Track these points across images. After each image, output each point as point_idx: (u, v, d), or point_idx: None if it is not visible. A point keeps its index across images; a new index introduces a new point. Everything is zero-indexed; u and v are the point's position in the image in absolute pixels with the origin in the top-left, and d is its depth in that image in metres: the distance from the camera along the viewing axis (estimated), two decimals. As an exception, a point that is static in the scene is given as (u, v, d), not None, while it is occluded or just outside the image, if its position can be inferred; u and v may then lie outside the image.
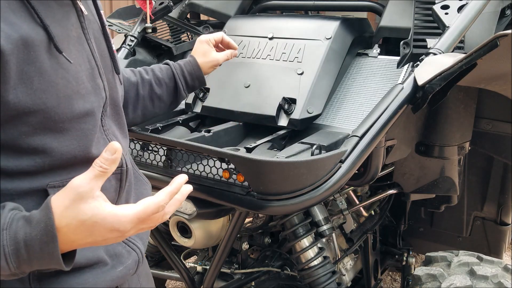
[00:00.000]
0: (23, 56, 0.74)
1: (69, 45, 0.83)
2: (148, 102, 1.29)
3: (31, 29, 0.76)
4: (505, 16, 1.62)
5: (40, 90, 0.76)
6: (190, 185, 0.81)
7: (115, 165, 0.72)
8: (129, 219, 0.73)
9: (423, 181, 1.72)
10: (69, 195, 0.71)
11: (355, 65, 1.65)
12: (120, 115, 1.01)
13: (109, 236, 0.74)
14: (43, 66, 0.77)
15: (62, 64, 0.80)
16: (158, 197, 0.75)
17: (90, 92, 0.87)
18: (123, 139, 1.01)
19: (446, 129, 1.57)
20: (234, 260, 1.89)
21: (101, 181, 0.72)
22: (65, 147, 0.82)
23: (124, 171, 0.96)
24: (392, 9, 1.76)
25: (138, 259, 1.00)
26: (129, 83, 1.26)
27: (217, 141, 1.46)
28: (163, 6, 1.94)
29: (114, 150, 0.71)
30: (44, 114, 0.78)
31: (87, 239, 0.73)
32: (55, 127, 0.80)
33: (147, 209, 0.74)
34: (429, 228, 2.27)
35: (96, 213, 0.71)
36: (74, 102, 0.82)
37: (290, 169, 1.14)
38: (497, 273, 1.45)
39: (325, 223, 1.66)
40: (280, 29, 1.67)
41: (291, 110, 1.47)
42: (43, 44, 0.77)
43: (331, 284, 1.61)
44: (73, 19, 0.86)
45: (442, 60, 1.30)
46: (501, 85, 1.32)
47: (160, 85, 1.30)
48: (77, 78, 0.83)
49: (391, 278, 2.99)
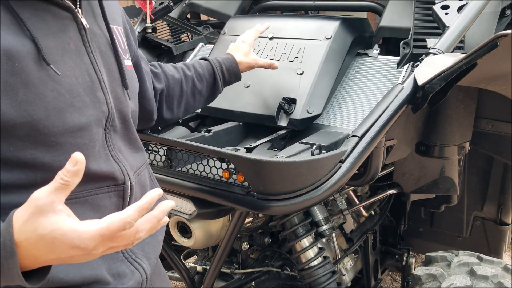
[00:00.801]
0: (6, 67, 0.73)
1: (64, 58, 0.82)
2: (190, 98, 1.34)
3: (17, 41, 0.75)
4: (505, 16, 1.62)
5: (26, 102, 0.75)
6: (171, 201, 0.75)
7: (77, 177, 0.68)
8: (90, 235, 0.68)
9: (423, 181, 1.72)
10: (29, 208, 0.68)
11: (355, 65, 1.65)
12: (130, 130, 0.98)
13: (73, 253, 0.69)
14: (29, 78, 0.76)
15: (53, 77, 0.79)
16: (125, 212, 0.69)
17: (87, 106, 0.85)
18: (132, 154, 0.98)
19: (446, 129, 1.57)
20: (234, 260, 1.89)
21: (64, 194, 0.68)
22: (58, 162, 0.79)
23: (127, 188, 0.92)
24: (392, 9, 1.76)
25: (142, 280, 0.96)
26: (174, 80, 1.31)
27: (217, 141, 1.46)
28: (163, 6, 1.95)
29: (76, 161, 0.67)
30: (31, 126, 0.76)
31: (50, 255, 0.69)
32: (46, 140, 0.78)
33: (111, 225, 0.68)
34: (429, 228, 2.27)
35: (55, 228, 0.67)
36: (67, 115, 0.81)
37: (290, 169, 1.14)
38: (497, 273, 1.45)
39: (325, 223, 1.66)
40: (280, 29, 1.67)
41: (291, 110, 1.47)
42: (30, 56, 0.76)
43: (331, 284, 1.61)
44: (72, 32, 0.85)
45: (442, 60, 1.30)
46: (501, 85, 1.32)
47: (201, 80, 1.35)
48: (71, 91, 0.82)
49: (391, 278, 2.99)
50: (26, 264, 0.69)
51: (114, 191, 0.90)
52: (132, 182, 0.94)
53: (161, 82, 1.29)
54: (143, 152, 1.04)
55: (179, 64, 1.36)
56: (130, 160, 0.96)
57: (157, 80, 1.28)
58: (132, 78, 1.02)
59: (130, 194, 0.93)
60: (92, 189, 0.86)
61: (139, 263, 0.96)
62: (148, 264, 0.98)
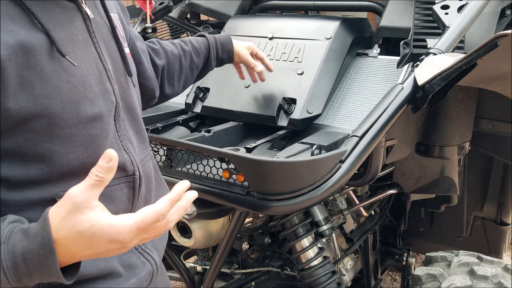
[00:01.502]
0: (22, 62, 0.73)
1: (74, 49, 0.82)
2: (189, 72, 1.37)
3: (30, 35, 0.75)
4: (505, 16, 1.62)
5: (42, 95, 0.75)
6: (194, 191, 0.78)
7: (111, 173, 0.70)
8: (127, 229, 0.70)
9: (423, 181, 1.72)
10: (65, 206, 0.69)
11: (355, 65, 1.65)
12: (136, 120, 0.99)
13: (110, 247, 0.71)
14: (44, 71, 0.76)
15: (67, 68, 0.79)
16: (158, 205, 0.72)
17: (98, 96, 0.85)
18: (139, 145, 0.98)
19: (446, 129, 1.57)
20: (234, 260, 1.89)
21: (98, 191, 0.70)
22: (72, 153, 0.80)
23: (137, 178, 0.93)
24: (392, 9, 1.76)
25: (153, 271, 0.98)
26: (173, 56, 1.32)
27: (217, 141, 1.46)
28: (163, 6, 1.95)
29: (110, 158, 0.69)
30: (48, 119, 0.76)
31: (87, 251, 0.71)
32: (62, 133, 0.79)
33: (146, 218, 0.71)
34: (429, 228, 2.27)
35: (94, 223, 0.69)
36: (81, 107, 0.81)
37: (290, 169, 1.14)
38: (497, 273, 1.45)
39: (325, 223, 1.66)
40: (280, 29, 1.67)
41: (291, 110, 1.47)
42: (44, 49, 0.76)
43: (331, 284, 1.61)
44: (78, 23, 0.85)
45: (442, 60, 1.30)
46: (501, 85, 1.32)
47: (198, 55, 1.38)
48: (83, 82, 0.82)
49: (391, 278, 2.99)
50: (63, 261, 0.71)
51: (125, 182, 0.91)
52: (140, 172, 0.95)
53: (161, 58, 1.30)
54: (147, 143, 1.05)
55: (177, 40, 1.39)
56: (137, 150, 0.96)
57: (157, 57, 1.29)
58: (132, 65, 1.02)
59: (139, 185, 0.94)
60: None
61: (149, 254, 0.97)
62: (157, 255, 1.00)
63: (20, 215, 0.77)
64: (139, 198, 0.95)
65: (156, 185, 1.05)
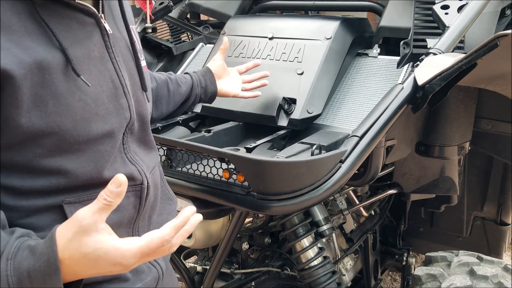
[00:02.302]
0: (37, 80, 0.73)
1: (90, 66, 0.81)
2: (177, 98, 1.35)
3: (47, 53, 0.74)
4: (505, 16, 1.62)
5: (55, 114, 0.75)
6: (199, 215, 0.78)
7: (120, 198, 0.70)
8: (132, 253, 0.71)
9: (423, 181, 1.72)
10: (72, 227, 0.70)
11: (355, 65, 1.65)
12: (147, 132, 0.98)
13: (113, 269, 0.72)
14: (58, 89, 0.75)
15: (80, 87, 0.79)
16: (164, 231, 0.73)
17: (111, 113, 0.84)
18: (146, 156, 0.98)
19: (446, 129, 1.57)
20: (234, 260, 1.89)
21: (106, 214, 0.71)
22: (81, 168, 0.81)
23: (145, 188, 0.93)
24: (392, 9, 1.76)
25: (158, 276, 0.98)
26: (160, 80, 1.31)
27: (217, 141, 1.46)
28: (163, 6, 1.95)
29: (120, 183, 0.69)
30: (58, 136, 0.76)
31: (90, 271, 0.72)
32: (71, 148, 0.79)
33: (151, 243, 0.72)
34: (429, 228, 2.27)
35: (99, 247, 0.69)
36: (92, 124, 0.81)
37: (290, 169, 1.14)
38: (497, 273, 1.45)
39: (325, 223, 1.66)
40: (280, 29, 1.67)
41: (291, 110, 1.47)
42: (59, 67, 0.75)
43: (331, 284, 1.61)
44: (96, 39, 0.84)
45: (442, 60, 1.30)
46: (501, 85, 1.32)
47: (183, 84, 1.36)
48: (96, 100, 0.81)
49: (391, 278, 2.99)
50: (67, 278, 0.72)
51: (132, 191, 0.91)
52: (149, 181, 0.95)
53: (152, 81, 1.28)
54: (156, 152, 1.05)
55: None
56: (145, 160, 0.96)
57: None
58: (148, 79, 1.02)
59: (146, 194, 0.94)
60: None
61: (155, 260, 0.98)
62: (163, 260, 1.00)
63: (26, 220, 0.78)
64: (146, 206, 0.95)
65: (162, 193, 1.05)
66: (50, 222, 0.79)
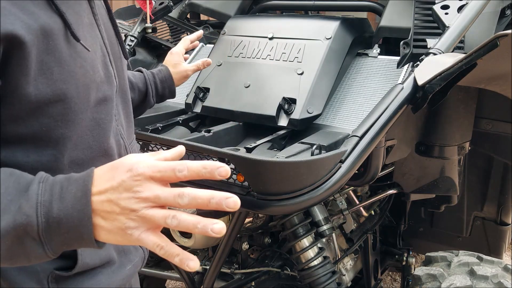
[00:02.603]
0: (43, 47, 0.72)
1: (84, 32, 0.81)
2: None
3: (48, 18, 0.74)
4: (505, 16, 1.62)
5: (60, 81, 0.75)
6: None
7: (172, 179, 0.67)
8: (147, 164, 0.65)
9: (423, 181, 1.72)
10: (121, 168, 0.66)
11: (355, 65, 1.65)
12: (128, 103, 0.99)
13: (124, 177, 0.65)
14: (62, 56, 0.75)
15: (80, 53, 0.79)
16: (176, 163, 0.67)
17: (103, 81, 0.85)
18: (128, 129, 0.99)
19: (446, 129, 1.57)
20: (234, 260, 1.89)
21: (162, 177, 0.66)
22: (80, 138, 0.81)
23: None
24: (392, 9, 1.76)
25: (144, 256, 0.99)
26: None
27: (217, 141, 1.46)
28: (163, 6, 1.95)
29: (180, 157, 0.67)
30: (64, 104, 0.76)
31: (107, 184, 0.66)
32: (75, 118, 0.78)
33: (165, 164, 0.66)
34: (429, 228, 2.27)
35: (121, 161, 0.67)
36: (91, 92, 0.81)
37: (290, 169, 1.14)
38: (497, 273, 1.45)
39: (325, 223, 1.66)
40: (280, 29, 1.67)
41: (291, 110, 1.47)
42: (61, 33, 0.75)
43: (331, 284, 1.61)
44: (84, 5, 0.84)
45: (442, 60, 1.30)
46: (501, 85, 1.32)
47: (133, 89, 1.31)
48: (93, 67, 0.82)
49: (391, 278, 2.99)
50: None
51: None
52: (128, 152, 0.96)
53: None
54: (133, 126, 1.05)
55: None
56: (126, 134, 0.96)
57: None
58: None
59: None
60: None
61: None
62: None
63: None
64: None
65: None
66: None
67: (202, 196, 0.66)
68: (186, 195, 0.66)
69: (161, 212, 0.65)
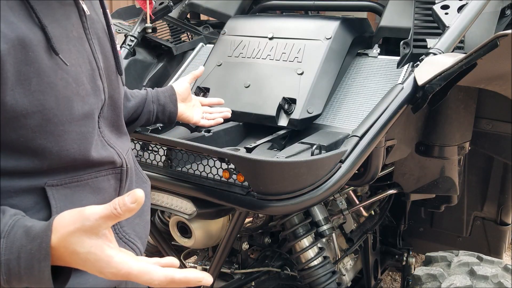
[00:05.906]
0: (21, 57, 0.73)
1: (69, 46, 0.82)
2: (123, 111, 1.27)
3: (28, 29, 0.74)
4: (505, 16, 1.62)
5: (39, 92, 0.75)
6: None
7: (130, 214, 0.68)
8: (120, 272, 0.70)
9: (423, 181, 1.72)
10: (75, 222, 0.69)
11: (355, 65, 1.65)
12: (119, 116, 1.00)
13: (98, 274, 0.71)
14: (41, 67, 0.76)
15: (61, 65, 0.79)
16: (158, 275, 0.70)
17: (89, 94, 0.85)
18: (118, 140, 0.99)
19: (446, 129, 1.57)
20: (234, 260, 1.89)
21: (111, 222, 0.69)
22: (65, 151, 0.81)
23: (124, 171, 0.95)
24: (392, 9, 1.76)
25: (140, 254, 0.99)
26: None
27: (217, 141, 1.46)
28: (163, 6, 1.95)
29: (135, 199, 0.67)
30: (42, 116, 0.76)
31: (78, 266, 0.71)
32: (55, 130, 0.79)
33: (140, 275, 0.70)
34: (429, 228, 2.27)
35: (93, 252, 0.69)
36: (74, 104, 0.81)
37: (290, 169, 1.14)
38: (497, 273, 1.45)
39: (325, 223, 1.66)
40: (280, 29, 1.67)
41: (291, 110, 1.47)
42: (41, 45, 0.76)
43: (331, 284, 1.61)
44: (74, 19, 0.85)
45: (442, 60, 1.30)
46: (501, 85, 1.32)
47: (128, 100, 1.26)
48: (77, 80, 0.82)
49: (391, 278, 2.99)
50: (55, 262, 0.70)
51: (112, 173, 0.92)
52: (129, 164, 0.96)
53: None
54: (127, 137, 1.05)
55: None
56: (118, 144, 0.97)
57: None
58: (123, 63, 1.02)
59: (126, 176, 0.96)
60: (93, 172, 0.88)
61: (133, 243, 0.98)
62: (141, 244, 1.00)
63: (8, 201, 0.77)
64: (125, 188, 0.96)
65: (136, 175, 1.06)
66: (32, 204, 0.79)
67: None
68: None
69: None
